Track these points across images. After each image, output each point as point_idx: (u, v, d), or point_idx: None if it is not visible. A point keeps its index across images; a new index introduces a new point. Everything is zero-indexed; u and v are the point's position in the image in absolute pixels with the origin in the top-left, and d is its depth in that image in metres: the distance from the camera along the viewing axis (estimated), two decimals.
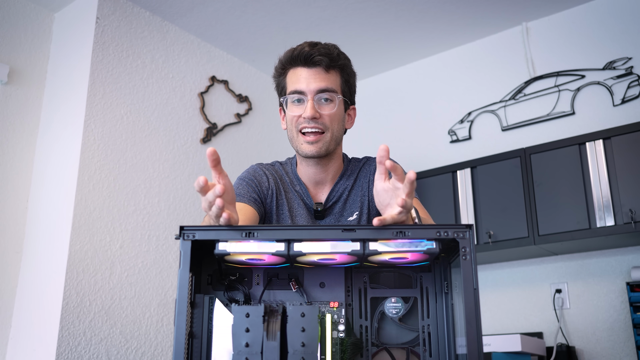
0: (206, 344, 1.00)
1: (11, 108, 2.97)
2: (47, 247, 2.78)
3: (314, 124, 1.41)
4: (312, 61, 1.42)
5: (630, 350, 2.80)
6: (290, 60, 1.45)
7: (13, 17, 3.04)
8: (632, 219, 2.59)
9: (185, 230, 0.94)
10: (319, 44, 1.45)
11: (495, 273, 3.26)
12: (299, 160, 1.52)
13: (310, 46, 1.43)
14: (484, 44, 3.61)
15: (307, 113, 1.40)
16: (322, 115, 1.42)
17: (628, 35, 3.10)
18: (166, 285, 3.00)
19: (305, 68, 1.43)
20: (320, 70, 1.42)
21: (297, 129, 1.44)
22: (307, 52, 1.42)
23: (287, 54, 1.46)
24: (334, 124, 1.44)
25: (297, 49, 1.44)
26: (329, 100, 1.43)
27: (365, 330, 1.06)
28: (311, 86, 1.41)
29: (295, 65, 1.45)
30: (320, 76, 1.42)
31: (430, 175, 3.23)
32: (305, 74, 1.42)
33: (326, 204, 1.49)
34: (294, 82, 1.44)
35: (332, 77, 1.44)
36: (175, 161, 3.21)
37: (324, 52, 1.43)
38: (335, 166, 1.51)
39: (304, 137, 1.43)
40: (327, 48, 1.45)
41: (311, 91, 1.41)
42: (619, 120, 2.97)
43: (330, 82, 1.43)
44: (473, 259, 0.93)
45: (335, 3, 3.22)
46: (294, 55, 1.44)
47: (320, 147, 1.43)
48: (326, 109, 1.43)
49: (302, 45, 1.45)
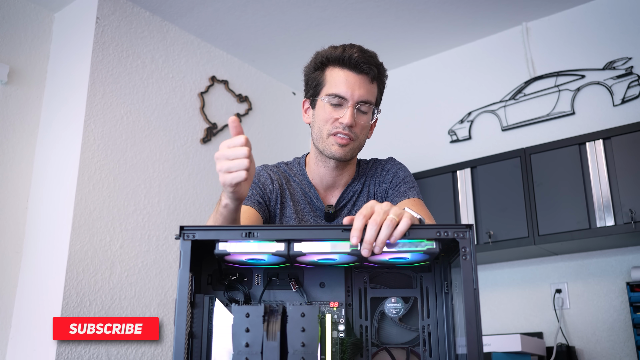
0: (206, 344, 1.00)
1: (11, 108, 2.97)
2: (47, 247, 2.78)
3: (348, 131, 1.39)
4: (361, 68, 1.39)
5: (630, 350, 2.80)
6: (337, 59, 1.40)
7: (13, 17, 3.04)
8: (632, 219, 2.59)
9: (185, 230, 0.94)
10: (368, 52, 1.42)
11: (495, 273, 3.26)
12: (314, 161, 1.50)
13: (361, 52, 1.40)
14: (484, 44, 3.61)
15: (346, 120, 1.38)
16: (357, 124, 1.41)
17: (628, 35, 3.10)
18: (166, 285, 3.00)
19: (351, 73, 1.39)
20: (366, 80, 1.40)
21: (329, 131, 1.41)
22: (358, 58, 1.38)
23: (335, 52, 1.41)
24: (363, 133, 1.44)
25: (347, 51, 1.39)
26: (365, 112, 1.42)
27: (365, 330, 1.06)
28: (355, 94, 1.38)
29: (340, 66, 1.40)
30: (365, 86, 1.40)
31: (430, 175, 3.24)
32: (351, 79, 1.39)
33: (337, 206, 1.49)
34: (337, 83, 1.40)
35: (374, 89, 1.43)
36: (175, 161, 3.21)
37: (373, 62, 1.40)
38: (350, 171, 1.52)
39: (335, 138, 1.40)
40: (375, 57, 1.42)
41: (354, 99, 1.39)
42: (619, 120, 2.97)
43: (372, 94, 1.42)
44: (473, 259, 0.93)
45: (335, 3, 3.21)
46: (343, 56, 1.39)
47: (347, 152, 1.42)
48: (362, 119, 1.41)
49: (352, 48, 1.40)
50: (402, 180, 1.49)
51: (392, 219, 0.94)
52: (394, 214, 0.95)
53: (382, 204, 0.98)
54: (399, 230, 0.94)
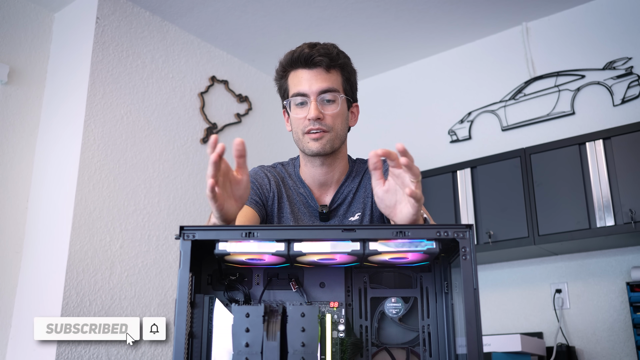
0: (206, 344, 1.00)
1: (11, 108, 2.97)
2: (47, 247, 2.78)
3: (318, 125, 1.42)
4: (313, 62, 1.42)
5: (630, 350, 2.80)
6: (290, 62, 1.45)
7: (13, 17, 3.04)
8: (632, 219, 2.59)
9: (185, 230, 0.94)
10: (317, 45, 1.45)
11: (495, 273, 3.26)
12: (304, 162, 1.52)
13: (309, 47, 1.44)
14: (484, 44, 3.61)
15: (311, 114, 1.40)
16: (326, 115, 1.42)
17: (628, 35, 3.10)
18: (166, 285, 3.00)
19: (306, 69, 1.43)
20: (321, 71, 1.43)
21: (302, 130, 1.44)
22: (307, 54, 1.42)
23: (287, 57, 1.46)
24: (337, 123, 1.45)
25: (297, 51, 1.44)
26: (331, 101, 1.43)
27: (365, 330, 1.06)
28: (313, 87, 1.42)
29: (296, 67, 1.45)
30: (321, 77, 1.42)
31: (430, 175, 3.24)
32: (306, 76, 1.43)
33: (331, 206, 1.49)
34: (295, 84, 1.44)
35: (333, 77, 1.44)
36: (175, 161, 3.21)
37: (324, 52, 1.43)
38: (340, 167, 1.52)
39: (309, 135, 1.43)
40: (326, 48, 1.45)
41: (313, 92, 1.41)
42: (619, 120, 2.97)
43: (332, 82, 1.43)
44: (473, 259, 0.93)
45: (335, 3, 3.21)
46: (294, 57, 1.44)
47: (325, 144, 1.43)
48: (329, 109, 1.43)
49: (302, 47, 1.45)
50: None
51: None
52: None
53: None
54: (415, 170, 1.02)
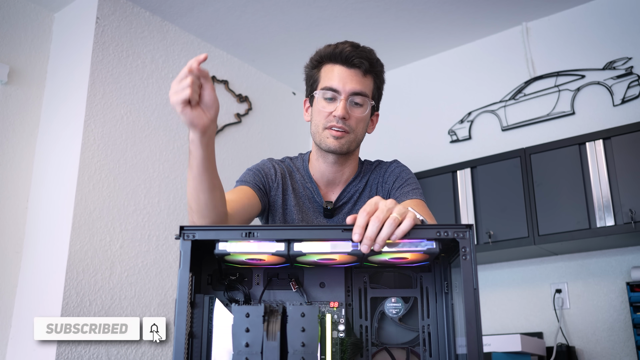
0: (206, 344, 1.00)
1: (11, 108, 2.97)
2: (47, 247, 2.78)
3: (342, 123, 1.42)
4: (352, 62, 1.43)
5: (630, 350, 2.80)
6: (330, 56, 1.45)
7: (13, 17, 3.04)
8: (632, 219, 2.59)
9: (185, 230, 0.94)
10: (360, 47, 1.46)
11: (495, 273, 3.26)
12: (315, 157, 1.53)
13: (352, 47, 1.44)
14: (484, 44, 3.61)
15: (339, 112, 1.41)
16: (352, 116, 1.43)
17: (628, 35, 3.10)
18: (166, 285, 3.00)
19: (343, 67, 1.44)
20: (358, 73, 1.44)
21: (324, 125, 1.45)
22: (349, 52, 1.43)
23: (328, 50, 1.46)
24: (359, 126, 1.46)
25: (339, 47, 1.44)
26: (359, 104, 1.44)
27: (365, 330, 1.06)
28: (347, 87, 1.42)
29: (333, 62, 1.45)
30: (356, 78, 1.43)
31: (430, 175, 3.24)
32: (343, 73, 1.43)
33: (336, 204, 1.51)
34: (330, 78, 1.44)
35: (367, 82, 1.45)
36: (175, 161, 3.21)
37: (365, 56, 1.44)
38: (350, 167, 1.53)
39: (330, 131, 1.43)
40: (368, 52, 1.46)
41: (346, 92, 1.42)
42: (619, 120, 2.97)
43: (365, 86, 1.44)
44: (473, 259, 0.93)
45: (335, 3, 3.21)
46: (336, 52, 1.44)
47: (343, 144, 1.44)
48: (356, 111, 1.44)
49: (344, 43, 1.45)
50: (406, 181, 1.50)
51: (395, 217, 0.94)
52: (397, 213, 0.95)
53: (386, 200, 0.98)
54: (401, 230, 0.94)
